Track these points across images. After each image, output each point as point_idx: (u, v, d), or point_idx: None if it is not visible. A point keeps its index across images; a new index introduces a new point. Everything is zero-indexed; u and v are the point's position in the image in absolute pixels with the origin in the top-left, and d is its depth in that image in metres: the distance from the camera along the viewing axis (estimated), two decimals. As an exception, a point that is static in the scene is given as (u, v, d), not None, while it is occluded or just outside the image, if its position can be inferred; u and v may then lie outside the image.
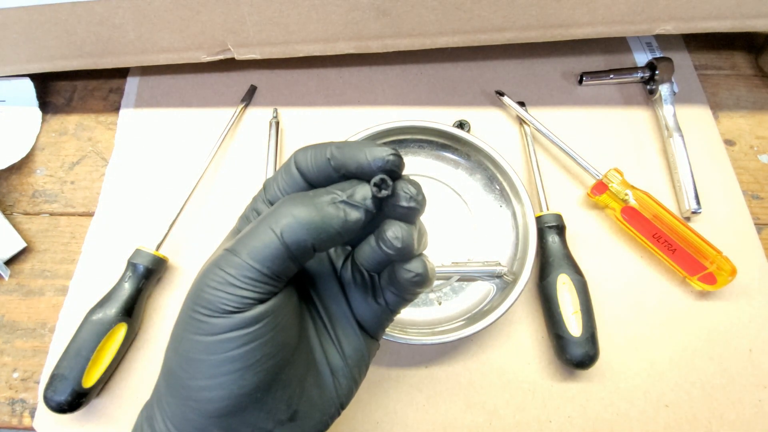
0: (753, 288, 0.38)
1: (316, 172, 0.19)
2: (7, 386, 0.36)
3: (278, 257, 0.17)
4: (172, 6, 0.38)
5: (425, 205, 0.19)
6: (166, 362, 0.19)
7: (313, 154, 0.19)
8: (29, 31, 0.40)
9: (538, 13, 0.38)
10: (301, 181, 0.20)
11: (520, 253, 0.36)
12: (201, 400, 0.17)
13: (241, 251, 0.17)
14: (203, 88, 0.47)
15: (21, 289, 0.39)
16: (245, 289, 0.17)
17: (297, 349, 0.20)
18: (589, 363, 0.33)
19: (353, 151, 0.18)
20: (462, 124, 0.43)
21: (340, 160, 0.19)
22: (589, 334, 0.33)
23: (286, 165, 0.20)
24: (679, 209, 0.40)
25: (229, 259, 0.17)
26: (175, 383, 0.18)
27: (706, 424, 0.34)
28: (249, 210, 0.21)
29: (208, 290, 0.17)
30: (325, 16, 0.38)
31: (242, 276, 0.17)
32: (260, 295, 0.17)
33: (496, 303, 0.34)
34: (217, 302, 0.17)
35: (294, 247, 0.17)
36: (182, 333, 0.18)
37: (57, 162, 0.45)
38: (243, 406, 0.18)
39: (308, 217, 0.17)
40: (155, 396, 0.20)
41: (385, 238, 0.18)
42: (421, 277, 0.19)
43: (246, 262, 0.17)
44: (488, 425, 0.34)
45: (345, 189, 0.18)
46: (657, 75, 0.43)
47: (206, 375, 0.17)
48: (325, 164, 0.19)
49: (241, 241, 0.18)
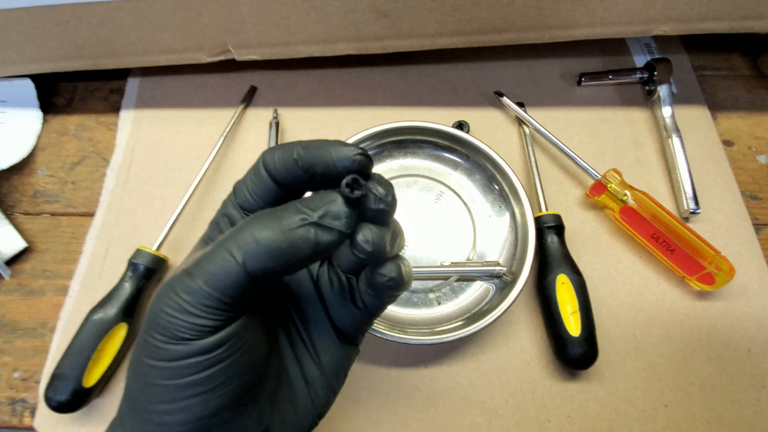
0: (752, 288, 0.38)
1: (284, 173, 0.18)
2: (7, 386, 0.36)
3: (238, 285, 0.16)
4: (172, 7, 0.38)
5: (396, 205, 0.18)
6: (127, 384, 0.18)
7: (280, 154, 0.18)
8: (30, 31, 0.40)
9: (536, 15, 0.38)
10: (270, 183, 0.19)
11: (519, 254, 0.36)
12: (163, 424, 0.17)
13: (198, 276, 0.16)
14: (203, 88, 0.47)
15: (22, 288, 0.40)
16: (202, 317, 0.16)
17: (267, 365, 0.19)
18: (587, 363, 0.33)
19: (319, 151, 0.17)
20: (461, 124, 0.43)
21: (308, 160, 0.18)
22: (587, 333, 0.33)
23: (254, 167, 0.19)
24: (678, 210, 0.41)
25: (186, 284, 0.16)
26: (135, 406, 0.17)
27: (705, 424, 0.34)
28: (219, 215, 0.20)
29: (164, 316, 0.16)
30: (324, 17, 0.39)
31: (198, 304, 0.16)
32: (219, 323, 0.16)
33: (496, 303, 0.34)
34: (172, 329, 0.16)
35: (257, 274, 0.16)
36: (140, 357, 0.17)
37: (58, 162, 0.45)
38: (208, 428, 0.17)
39: (274, 242, 0.15)
40: (119, 417, 0.19)
41: (356, 243, 0.17)
42: (395, 282, 0.19)
43: (203, 289, 0.16)
44: (487, 425, 0.34)
45: (316, 207, 0.16)
46: (655, 76, 0.43)
47: (166, 399, 0.16)
48: (293, 165, 0.18)
49: (199, 263, 0.16)
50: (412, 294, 0.37)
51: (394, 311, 0.37)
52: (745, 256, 0.39)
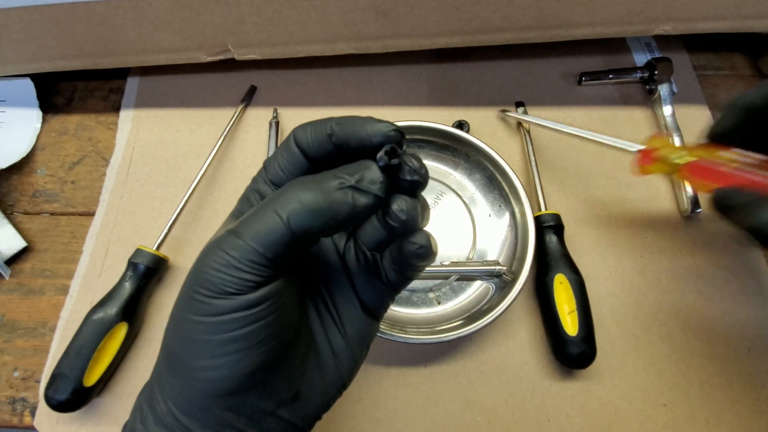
0: (751, 287, 0.38)
1: (317, 148, 0.19)
2: (7, 385, 0.36)
3: (283, 243, 0.17)
4: (172, 6, 0.38)
5: (428, 179, 0.19)
6: (167, 343, 0.19)
7: (312, 130, 0.19)
8: (30, 31, 0.40)
9: (537, 14, 0.38)
10: (302, 159, 0.19)
11: (519, 253, 0.36)
12: (204, 380, 0.17)
13: (245, 234, 0.17)
14: (203, 88, 0.47)
15: (22, 288, 0.40)
16: (248, 272, 0.17)
17: (298, 331, 0.20)
18: (585, 362, 0.33)
19: (354, 126, 0.18)
20: (461, 124, 0.43)
21: (341, 135, 0.18)
22: (585, 333, 0.33)
23: (285, 143, 0.20)
24: (679, 209, 0.41)
25: (233, 241, 0.17)
26: (176, 363, 0.18)
27: (705, 423, 0.34)
28: (250, 191, 0.21)
29: (210, 272, 0.17)
30: (324, 16, 0.38)
31: (245, 259, 0.17)
32: (262, 279, 0.17)
33: (495, 302, 0.34)
34: (219, 284, 0.17)
35: (300, 233, 0.17)
36: (183, 314, 0.18)
37: (57, 162, 0.45)
38: (246, 386, 0.18)
39: (315, 202, 0.17)
40: (155, 377, 0.19)
41: (390, 212, 0.18)
42: (425, 249, 0.19)
43: (250, 246, 0.17)
44: (487, 424, 0.34)
45: (353, 172, 0.17)
46: (656, 75, 0.43)
47: (209, 355, 0.17)
48: (326, 140, 0.19)
49: (245, 223, 0.17)
50: (412, 293, 0.37)
51: (395, 311, 0.37)
52: (745, 255, 0.39)
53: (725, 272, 0.38)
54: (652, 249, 0.39)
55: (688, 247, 0.39)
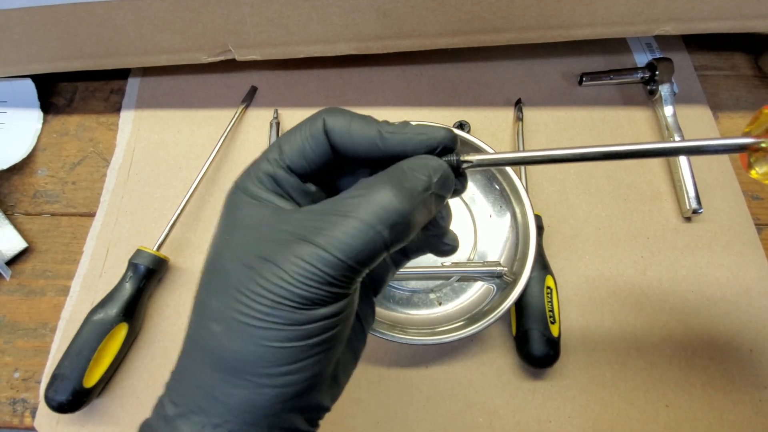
0: (753, 288, 0.38)
1: (363, 150, 0.18)
2: (8, 386, 0.36)
3: (377, 256, 0.16)
4: (172, 7, 0.38)
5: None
6: (223, 354, 0.17)
7: (359, 128, 0.18)
8: (31, 32, 0.40)
9: (537, 14, 0.38)
10: (329, 151, 0.19)
11: (520, 254, 0.36)
12: (279, 385, 0.17)
13: (339, 251, 0.16)
14: (204, 89, 0.47)
15: (22, 289, 0.40)
16: (340, 286, 0.16)
17: None
18: (549, 362, 0.34)
19: (410, 136, 0.18)
20: (462, 124, 0.43)
21: (395, 145, 0.18)
22: (551, 333, 0.34)
23: (312, 129, 0.18)
24: (680, 209, 0.40)
25: (321, 256, 0.16)
26: (241, 372, 0.17)
27: (707, 425, 0.34)
28: (262, 173, 0.19)
29: (298, 285, 0.16)
30: (325, 17, 0.38)
31: (340, 276, 0.16)
32: (352, 288, 0.17)
33: (497, 303, 0.34)
34: (311, 297, 0.16)
35: (392, 244, 0.16)
36: (250, 321, 0.16)
37: (58, 162, 0.45)
38: (315, 385, 0.18)
39: (404, 210, 0.16)
40: (196, 399, 0.17)
41: (444, 242, 0.21)
42: (455, 248, 0.22)
43: (345, 263, 0.16)
44: (488, 425, 0.34)
45: (429, 173, 0.17)
46: (657, 75, 0.43)
47: (289, 361, 0.17)
48: (374, 145, 0.18)
49: (330, 236, 0.16)
50: (413, 294, 0.37)
51: (395, 311, 0.37)
52: (747, 256, 0.39)
53: (727, 273, 0.38)
54: (653, 249, 0.39)
55: (690, 248, 0.39)
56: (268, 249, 0.17)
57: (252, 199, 0.19)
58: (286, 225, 0.17)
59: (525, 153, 0.20)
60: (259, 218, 0.18)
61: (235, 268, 0.17)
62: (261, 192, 0.19)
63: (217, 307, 0.17)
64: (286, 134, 0.19)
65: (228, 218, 0.19)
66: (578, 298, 0.38)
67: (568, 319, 0.37)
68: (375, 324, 0.34)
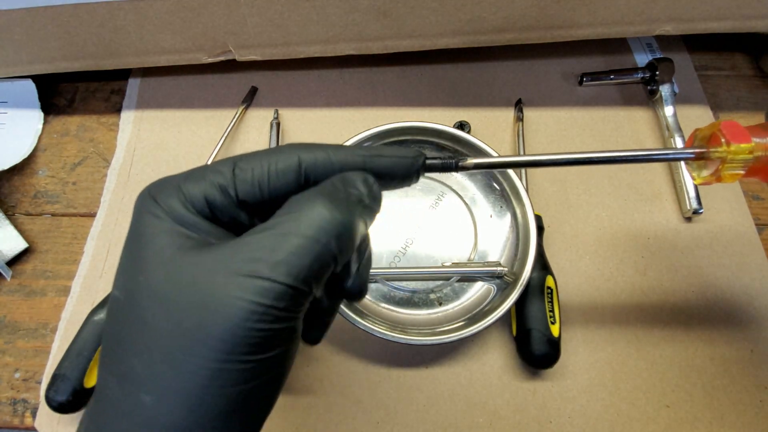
0: (754, 288, 0.38)
1: (329, 173, 0.18)
2: (8, 386, 0.36)
3: (325, 269, 0.15)
4: (173, 8, 0.38)
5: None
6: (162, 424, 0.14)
7: (339, 158, 0.18)
8: (31, 32, 0.40)
9: (538, 15, 0.38)
10: (294, 183, 0.17)
11: (521, 254, 0.36)
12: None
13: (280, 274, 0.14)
14: (204, 89, 0.47)
15: (23, 289, 0.40)
16: (288, 319, 0.15)
17: None
18: (549, 363, 0.34)
19: (388, 159, 0.18)
20: (462, 124, 0.43)
21: (374, 166, 0.18)
22: (552, 334, 0.34)
23: (285, 160, 0.17)
24: (681, 209, 0.40)
25: (269, 289, 0.14)
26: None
27: (707, 425, 0.34)
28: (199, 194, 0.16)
29: (244, 332, 0.14)
30: (325, 17, 0.38)
31: (290, 305, 0.15)
32: (297, 321, 0.16)
33: (497, 303, 0.34)
34: (258, 343, 0.14)
35: (339, 255, 0.16)
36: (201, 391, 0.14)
37: (59, 163, 0.45)
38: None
39: (350, 223, 0.16)
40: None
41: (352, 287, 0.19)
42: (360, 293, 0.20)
43: (293, 287, 0.14)
44: (488, 425, 0.34)
45: (359, 186, 0.17)
46: (657, 75, 0.43)
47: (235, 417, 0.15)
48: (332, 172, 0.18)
49: (275, 260, 0.14)
50: (413, 294, 0.37)
51: (396, 311, 0.37)
52: (748, 256, 0.39)
53: (727, 273, 0.38)
54: (654, 250, 0.39)
55: (690, 248, 0.39)
56: (202, 293, 0.14)
57: (175, 222, 0.16)
58: (218, 259, 0.15)
59: (501, 158, 0.22)
60: (183, 250, 0.15)
61: (159, 321, 0.14)
62: (187, 215, 0.16)
63: (145, 374, 0.14)
64: (248, 155, 0.17)
65: (138, 246, 0.16)
66: (579, 298, 0.38)
67: (569, 319, 0.37)
68: (375, 324, 0.34)
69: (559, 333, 0.34)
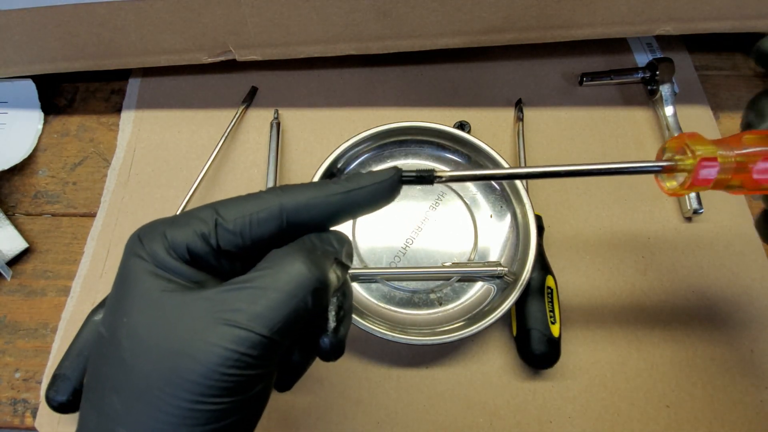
0: (754, 288, 0.38)
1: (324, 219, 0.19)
2: (9, 386, 0.36)
3: (299, 322, 0.16)
4: (173, 8, 0.38)
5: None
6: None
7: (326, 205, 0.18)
8: (31, 32, 0.40)
9: (538, 15, 0.38)
10: (276, 231, 0.18)
11: (521, 254, 0.36)
12: None
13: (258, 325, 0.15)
14: (204, 89, 0.47)
15: (23, 289, 0.40)
16: (263, 366, 0.16)
17: None
18: (549, 363, 0.34)
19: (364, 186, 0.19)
20: (462, 124, 0.43)
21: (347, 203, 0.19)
22: (552, 334, 0.34)
23: (268, 210, 0.18)
24: (681, 209, 0.40)
25: (245, 338, 0.15)
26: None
27: (708, 425, 0.34)
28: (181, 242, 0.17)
29: (219, 377, 0.15)
30: (325, 17, 0.38)
31: (265, 354, 0.16)
32: (271, 366, 0.17)
33: (497, 303, 0.34)
34: (232, 387, 0.15)
35: (313, 309, 0.17)
36: (175, 429, 0.15)
37: (59, 163, 0.45)
38: None
39: (321, 276, 0.17)
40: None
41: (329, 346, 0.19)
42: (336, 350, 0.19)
43: (269, 338, 0.15)
44: (488, 425, 0.34)
45: (335, 245, 0.19)
46: (657, 75, 0.43)
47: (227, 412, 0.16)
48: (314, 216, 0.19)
49: (253, 312, 0.15)
50: (413, 295, 0.37)
51: (396, 312, 0.37)
52: (748, 255, 0.39)
53: (728, 273, 0.38)
54: (654, 249, 0.39)
55: (691, 248, 0.39)
56: (180, 337, 0.15)
57: (158, 268, 0.17)
58: (198, 306, 0.16)
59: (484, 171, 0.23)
60: (166, 293, 0.16)
61: (138, 362, 0.15)
62: (168, 260, 0.17)
63: (122, 410, 0.15)
64: (231, 202, 0.18)
65: (125, 287, 0.17)
66: (579, 298, 0.38)
67: (569, 319, 0.37)
68: (375, 324, 0.34)
69: (559, 333, 0.34)
